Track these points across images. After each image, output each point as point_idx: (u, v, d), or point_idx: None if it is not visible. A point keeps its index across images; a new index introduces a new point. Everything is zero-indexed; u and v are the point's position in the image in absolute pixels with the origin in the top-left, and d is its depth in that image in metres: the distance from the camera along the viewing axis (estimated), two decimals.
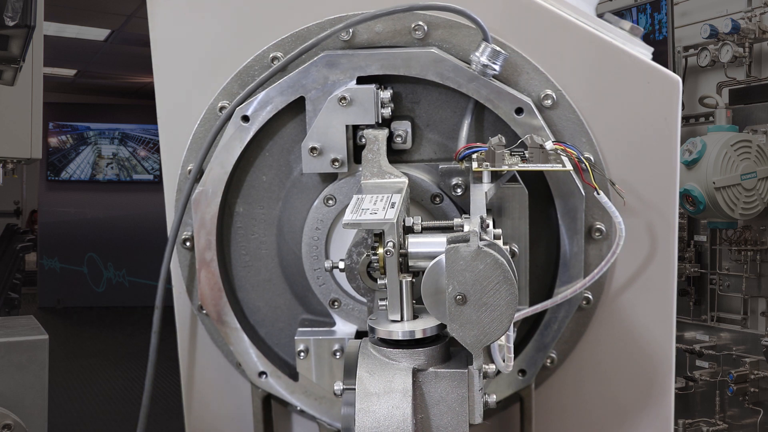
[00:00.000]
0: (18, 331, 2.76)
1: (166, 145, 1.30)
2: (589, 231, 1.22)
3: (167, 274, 1.28)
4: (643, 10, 4.24)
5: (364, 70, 1.18)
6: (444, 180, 1.21)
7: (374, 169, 1.17)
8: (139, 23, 4.89)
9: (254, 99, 1.21)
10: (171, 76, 1.26)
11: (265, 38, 1.22)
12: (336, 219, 1.23)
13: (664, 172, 1.22)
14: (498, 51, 1.15)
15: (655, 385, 1.28)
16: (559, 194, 1.19)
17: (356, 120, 1.18)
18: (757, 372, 3.77)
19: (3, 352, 2.60)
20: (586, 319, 1.26)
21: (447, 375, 0.97)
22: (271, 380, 1.29)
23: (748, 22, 3.91)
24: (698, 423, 3.95)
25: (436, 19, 1.19)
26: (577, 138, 1.20)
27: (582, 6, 1.27)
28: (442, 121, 1.23)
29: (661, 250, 1.23)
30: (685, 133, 4.14)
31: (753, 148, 3.67)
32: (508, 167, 1.10)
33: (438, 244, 0.98)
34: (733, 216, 3.66)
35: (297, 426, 1.37)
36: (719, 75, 4.11)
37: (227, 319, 1.27)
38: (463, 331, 0.91)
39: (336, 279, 1.24)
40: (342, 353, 1.24)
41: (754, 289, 3.98)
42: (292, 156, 1.26)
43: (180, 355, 1.36)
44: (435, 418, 0.97)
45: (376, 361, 0.98)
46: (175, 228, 1.25)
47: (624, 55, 1.20)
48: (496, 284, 0.89)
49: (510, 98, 1.17)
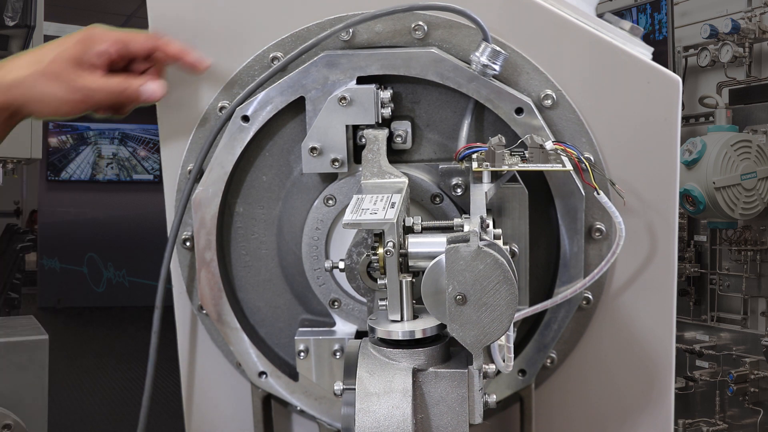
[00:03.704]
0: (18, 331, 2.76)
1: (166, 145, 1.30)
2: (589, 231, 1.22)
3: (167, 274, 1.28)
4: (643, 10, 4.24)
5: (364, 70, 1.18)
6: (444, 180, 1.21)
7: (374, 169, 1.17)
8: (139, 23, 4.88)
9: (254, 99, 1.21)
10: (171, 75, 1.26)
11: (265, 38, 1.22)
12: (336, 219, 1.23)
13: (664, 172, 1.22)
14: (498, 51, 1.15)
15: (655, 385, 1.28)
16: (559, 194, 1.18)
17: (356, 120, 1.18)
18: (757, 372, 3.77)
19: (3, 352, 2.60)
20: (586, 319, 1.26)
21: (447, 375, 0.97)
22: (271, 380, 1.29)
23: (748, 22, 3.91)
24: (698, 423, 3.95)
25: (436, 19, 1.19)
26: (577, 138, 1.20)
27: (582, 6, 1.27)
28: (442, 121, 1.23)
29: (661, 250, 1.23)
30: (685, 133, 4.15)
31: (753, 148, 3.67)
32: (508, 167, 1.10)
33: (438, 244, 0.98)
34: (733, 216, 3.66)
35: (297, 426, 1.37)
36: (719, 75, 4.11)
37: (227, 319, 1.27)
38: (463, 331, 0.91)
39: (336, 279, 1.24)
40: (342, 353, 1.24)
41: (754, 289, 3.98)
42: (292, 156, 1.26)
43: (180, 355, 1.36)
44: (435, 418, 0.97)
45: (376, 361, 0.98)
46: (175, 228, 1.25)
47: (624, 55, 1.20)
48: (496, 284, 0.89)
49: (510, 98, 1.17)
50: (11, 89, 1.15)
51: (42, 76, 1.14)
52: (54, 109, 1.15)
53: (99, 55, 1.16)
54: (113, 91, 1.16)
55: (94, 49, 1.16)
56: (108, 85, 1.16)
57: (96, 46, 1.16)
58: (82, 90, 1.14)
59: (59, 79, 1.14)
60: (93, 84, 1.15)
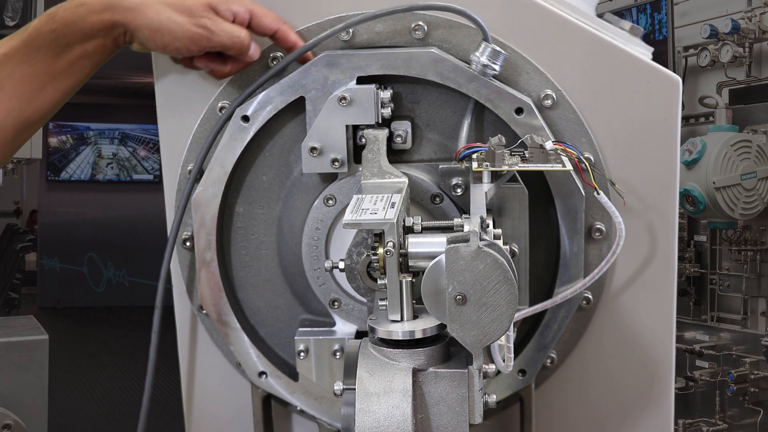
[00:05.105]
0: (18, 331, 2.76)
1: (166, 145, 1.30)
2: (589, 231, 1.22)
3: (167, 274, 1.28)
4: (643, 10, 4.25)
5: (364, 70, 1.18)
6: (444, 180, 1.21)
7: (374, 169, 1.17)
8: None
9: (254, 99, 1.21)
10: (171, 76, 1.26)
11: (265, 38, 1.22)
12: (336, 219, 1.23)
13: (664, 172, 1.22)
14: (498, 51, 1.15)
15: (655, 385, 1.28)
16: (559, 194, 1.18)
17: (356, 120, 1.18)
18: (757, 372, 3.77)
19: (3, 352, 2.60)
20: (586, 319, 1.26)
21: (447, 375, 0.97)
22: (271, 380, 1.29)
23: (748, 22, 3.91)
24: (698, 423, 3.95)
25: (436, 19, 1.19)
26: (577, 138, 1.20)
27: (582, 6, 1.27)
28: (442, 121, 1.23)
29: (661, 250, 1.23)
30: (685, 133, 4.15)
31: (753, 148, 3.67)
32: (508, 167, 1.10)
33: (438, 244, 0.98)
34: (733, 216, 3.66)
35: (297, 426, 1.37)
36: (719, 75, 4.11)
37: (227, 319, 1.27)
38: (463, 331, 0.91)
39: (336, 279, 1.24)
40: (342, 353, 1.24)
41: (754, 289, 3.99)
42: (292, 156, 1.26)
43: (180, 355, 1.36)
44: (435, 418, 0.97)
45: (376, 361, 0.98)
46: (175, 228, 1.25)
47: (624, 55, 1.20)
48: (496, 284, 0.89)
49: (510, 98, 1.17)
50: (132, 11, 1.14)
51: (169, 6, 1.14)
52: (167, 41, 1.14)
53: (232, 13, 1.17)
54: (234, 36, 1.16)
55: (230, 5, 1.16)
56: (231, 29, 1.16)
57: (233, 4, 1.17)
58: (206, 26, 1.14)
59: (188, 12, 1.14)
60: (219, 24, 1.15)
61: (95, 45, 1.16)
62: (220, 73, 1.22)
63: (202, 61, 1.20)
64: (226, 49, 1.17)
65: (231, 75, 1.23)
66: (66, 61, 1.17)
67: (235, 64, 1.21)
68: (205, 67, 1.21)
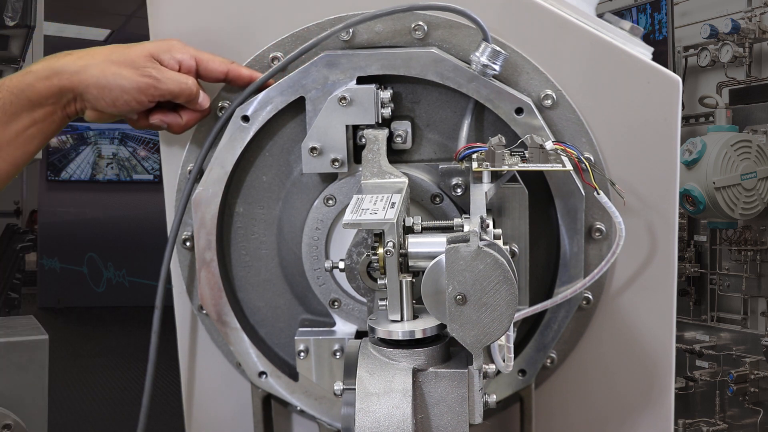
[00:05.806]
0: (18, 331, 2.76)
1: (166, 145, 1.30)
2: (589, 231, 1.22)
3: (167, 274, 1.28)
4: (643, 10, 4.25)
5: (364, 70, 1.18)
6: (444, 180, 1.21)
7: (374, 169, 1.17)
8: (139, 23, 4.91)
9: (254, 99, 1.21)
10: None
11: (265, 38, 1.22)
12: (336, 219, 1.23)
13: (664, 172, 1.22)
14: (498, 51, 1.15)
15: (655, 384, 1.28)
16: (559, 194, 1.19)
17: (356, 120, 1.18)
18: (757, 372, 3.77)
19: (3, 352, 2.60)
20: (586, 319, 1.26)
21: (447, 375, 0.97)
22: (271, 380, 1.29)
23: (748, 22, 3.91)
24: (698, 423, 3.95)
25: (436, 19, 1.19)
26: (577, 138, 1.20)
27: (582, 6, 1.27)
28: (442, 121, 1.23)
29: (661, 250, 1.23)
30: (685, 133, 4.14)
31: (753, 148, 3.67)
32: (508, 167, 1.10)
33: (438, 244, 0.98)
34: (733, 216, 3.66)
35: (297, 426, 1.37)
36: (719, 75, 4.11)
37: (227, 319, 1.27)
38: (463, 331, 0.91)
39: (336, 279, 1.24)
40: (342, 353, 1.24)
41: (754, 289, 3.98)
42: (292, 156, 1.26)
43: (180, 355, 1.36)
44: (435, 418, 0.97)
45: (376, 361, 0.98)
46: (175, 228, 1.25)
47: (624, 55, 1.20)
48: (496, 284, 0.89)
49: (510, 98, 1.17)
50: (77, 74, 1.14)
51: (113, 63, 1.14)
52: (116, 95, 1.14)
53: (177, 61, 1.17)
54: (181, 83, 1.16)
55: (173, 54, 1.17)
56: (178, 76, 1.16)
57: (176, 52, 1.17)
58: (151, 75, 1.14)
59: (132, 65, 1.14)
60: (164, 72, 1.15)
61: (44, 113, 1.16)
62: (177, 126, 1.21)
63: (156, 116, 1.20)
64: (175, 97, 1.17)
65: (188, 128, 1.23)
66: (14, 131, 1.15)
67: (189, 115, 1.21)
68: (161, 123, 1.21)
